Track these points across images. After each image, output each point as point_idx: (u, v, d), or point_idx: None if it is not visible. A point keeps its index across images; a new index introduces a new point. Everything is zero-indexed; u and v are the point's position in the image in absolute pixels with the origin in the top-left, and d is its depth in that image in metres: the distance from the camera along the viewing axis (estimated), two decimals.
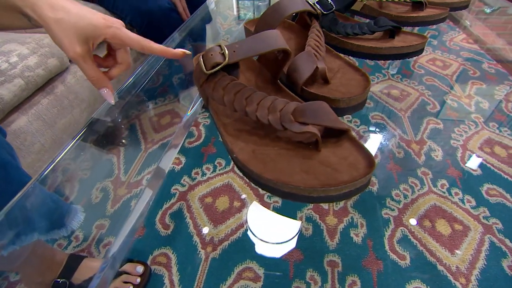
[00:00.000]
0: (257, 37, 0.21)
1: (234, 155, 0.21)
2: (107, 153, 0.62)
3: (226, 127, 0.23)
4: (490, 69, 0.74)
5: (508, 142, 0.55)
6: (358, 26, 0.32)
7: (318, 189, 0.18)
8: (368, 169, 0.18)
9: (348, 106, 0.24)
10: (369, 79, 0.25)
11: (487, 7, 1.04)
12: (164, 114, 0.74)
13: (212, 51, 0.22)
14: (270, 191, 0.20)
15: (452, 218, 0.43)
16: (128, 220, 0.25)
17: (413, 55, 0.31)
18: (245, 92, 0.21)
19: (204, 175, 0.57)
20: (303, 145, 0.21)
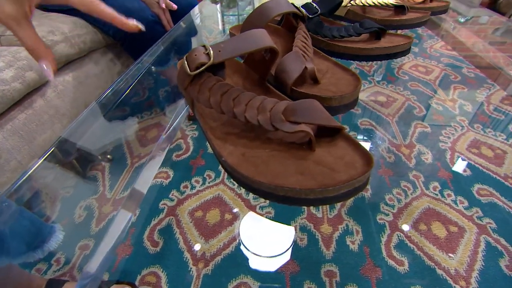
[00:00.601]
0: (242, 36, 0.21)
1: (222, 159, 0.20)
2: (92, 170, 0.59)
3: (213, 131, 0.22)
4: (470, 74, 0.77)
5: (493, 142, 0.56)
6: (344, 28, 0.33)
7: (316, 190, 0.16)
8: (366, 167, 0.17)
9: (340, 104, 0.23)
10: (359, 78, 0.25)
11: (461, 17, 1.09)
12: (150, 127, 0.72)
13: (196, 52, 0.21)
14: (264, 196, 0.19)
15: (446, 220, 0.43)
16: (106, 237, 0.24)
17: (400, 55, 0.32)
18: (232, 92, 0.20)
19: (193, 188, 0.56)
20: (296, 145, 0.20)
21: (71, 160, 0.52)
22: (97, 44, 0.69)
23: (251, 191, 0.19)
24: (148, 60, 0.64)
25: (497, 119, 0.63)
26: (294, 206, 0.18)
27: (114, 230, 0.32)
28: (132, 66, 0.51)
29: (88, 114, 0.43)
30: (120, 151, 0.62)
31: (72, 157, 0.49)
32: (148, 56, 0.63)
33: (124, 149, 0.63)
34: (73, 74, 0.60)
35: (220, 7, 1.09)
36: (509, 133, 0.59)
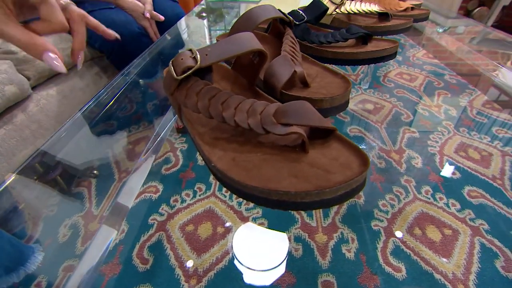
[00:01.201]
0: (230, 39, 0.20)
1: (212, 165, 0.19)
2: (77, 187, 0.57)
3: (202, 136, 0.21)
4: (452, 80, 0.80)
5: (479, 145, 0.57)
6: (331, 34, 0.33)
7: (312, 192, 0.16)
8: (362, 167, 0.16)
9: (331, 106, 0.23)
10: (349, 80, 0.25)
11: (439, 27, 1.14)
12: (138, 141, 0.71)
13: (183, 55, 0.20)
14: (257, 201, 0.18)
15: (440, 223, 0.43)
16: (90, 256, 0.22)
17: (387, 58, 0.32)
18: (220, 96, 0.20)
19: (183, 202, 0.54)
20: (289, 148, 0.19)
21: (55, 176, 0.50)
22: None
23: (243, 197, 0.18)
24: (134, 71, 0.63)
25: (480, 122, 0.65)
26: (289, 211, 0.17)
27: (98, 248, 0.30)
28: (117, 76, 0.50)
29: (70, 126, 0.42)
30: (107, 166, 0.60)
31: (55, 173, 0.47)
32: (134, 67, 0.62)
33: (111, 163, 0.61)
34: (57, 88, 0.59)
35: (207, 22, 1.11)
36: (492, 135, 0.61)
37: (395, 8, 0.53)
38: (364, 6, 0.42)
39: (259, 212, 0.50)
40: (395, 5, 0.58)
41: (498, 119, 0.65)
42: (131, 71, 0.62)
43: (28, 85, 0.51)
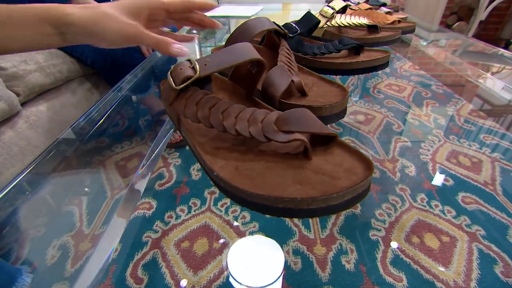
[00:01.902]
0: (228, 49, 0.21)
1: (214, 174, 0.19)
2: (67, 205, 0.55)
3: (202, 146, 0.21)
4: (439, 90, 0.82)
5: (469, 152, 0.58)
6: (324, 46, 0.34)
7: (318, 198, 0.16)
8: (366, 172, 0.16)
9: (331, 113, 0.23)
10: (345, 89, 0.25)
11: (423, 41, 1.19)
12: (131, 157, 0.69)
13: (181, 65, 0.20)
14: (262, 210, 0.18)
15: (438, 230, 0.43)
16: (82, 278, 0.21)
17: (380, 68, 0.33)
18: (221, 106, 0.20)
19: (178, 218, 0.53)
20: (291, 156, 0.19)
21: (43, 194, 0.48)
22: (74, 73, 0.67)
23: (247, 206, 0.18)
24: (126, 87, 0.63)
25: (468, 130, 0.67)
26: (295, 218, 0.17)
27: (91, 269, 0.29)
28: (110, 91, 0.49)
29: (61, 143, 0.41)
30: (98, 182, 0.59)
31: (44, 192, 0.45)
32: (126, 82, 0.62)
33: (103, 180, 0.60)
34: (48, 104, 0.58)
35: (197, 39, 1.12)
36: (480, 142, 0.63)
37: (382, 21, 0.55)
38: (354, 19, 0.44)
39: (255, 226, 0.50)
40: (382, 19, 0.61)
41: (484, 126, 0.67)
42: (123, 86, 0.62)
43: (18, 101, 0.50)
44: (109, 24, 0.25)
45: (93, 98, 0.74)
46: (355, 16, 0.43)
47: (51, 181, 0.37)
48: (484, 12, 2.19)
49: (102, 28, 0.25)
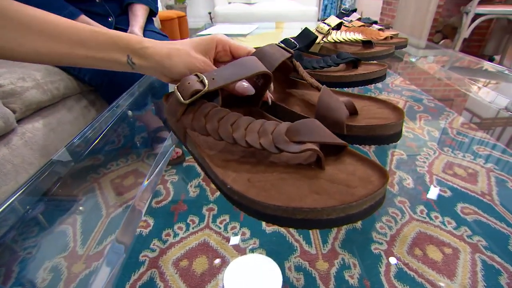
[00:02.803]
0: (235, 63, 0.21)
1: (228, 187, 0.18)
2: (60, 225, 0.53)
3: (212, 159, 0.20)
4: (430, 103, 0.84)
5: (464, 163, 0.59)
6: (323, 60, 0.35)
7: (338, 208, 0.15)
8: (382, 179, 0.16)
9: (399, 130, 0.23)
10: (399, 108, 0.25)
11: (412, 57, 1.24)
12: (127, 175, 0.68)
13: (189, 80, 0.20)
14: (279, 222, 0.17)
15: (439, 242, 0.43)
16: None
17: (378, 80, 0.34)
18: (229, 118, 0.20)
19: (176, 235, 0.51)
20: (304, 166, 0.19)
21: (36, 214, 0.47)
22: (72, 90, 0.67)
23: (263, 219, 0.18)
24: (124, 104, 0.63)
25: (461, 142, 0.68)
26: (314, 229, 0.16)
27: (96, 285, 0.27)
28: (107, 109, 0.49)
29: (56, 161, 0.40)
30: (93, 202, 0.57)
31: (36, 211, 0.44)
32: (124, 100, 0.62)
33: (99, 198, 0.58)
34: (44, 121, 0.57)
35: None
36: (474, 153, 0.64)
37: (376, 37, 0.58)
38: (349, 35, 0.46)
39: (256, 242, 0.49)
40: (376, 35, 0.64)
41: (476, 138, 0.69)
42: (120, 104, 0.62)
43: (13, 118, 0.49)
44: (181, 59, 0.27)
45: (89, 115, 0.74)
46: (349, 32, 0.45)
47: (45, 201, 0.36)
48: (467, 30, 2.31)
49: (174, 62, 0.26)
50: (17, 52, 0.27)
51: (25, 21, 0.26)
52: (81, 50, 0.27)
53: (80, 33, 0.27)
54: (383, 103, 0.27)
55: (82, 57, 0.28)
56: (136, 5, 0.92)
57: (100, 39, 0.27)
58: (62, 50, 0.27)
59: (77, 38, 0.27)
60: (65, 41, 0.27)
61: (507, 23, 2.63)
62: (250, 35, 1.43)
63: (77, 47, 0.27)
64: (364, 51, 0.44)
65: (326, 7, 3.94)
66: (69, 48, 0.27)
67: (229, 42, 0.29)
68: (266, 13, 3.10)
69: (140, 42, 0.27)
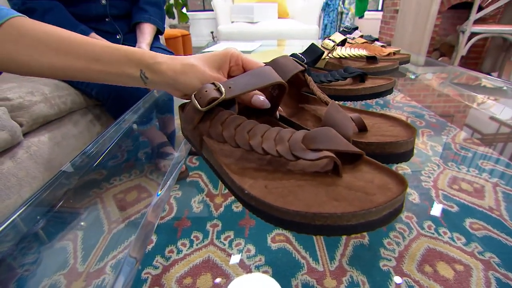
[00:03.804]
0: (252, 73, 0.21)
1: (246, 192, 0.18)
2: (60, 241, 0.52)
3: (228, 166, 0.20)
4: (432, 119, 0.85)
5: (469, 178, 0.59)
6: (330, 74, 0.36)
7: (358, 213, 0.15)
8: (400, 187, 0.16)
9: (410, 149, 0.23)
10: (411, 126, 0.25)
11: (412, 74, 1.26)
12: (130, 190, 0.68)
13: (207, 88, 0.21)
14: (298, 228, 0.17)
15: (450, 258, 0.42)
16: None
17: (386, 93, 0.35)
18: (246, 125, 0.20)
19: (180, 252, 0.50)
20: (321, 174, 0.19)
21: (36, 230, 0.46)
22: (78, 105, 0.68)
23: (281, 225, 0.17)
24: (129, 120, 0.63)
25: (465, 156, 0.68)
26: (332, 236, 0.16)
27: None
28: (112, 125, 0.50)
29: (60, 176, 0.40)
30: (96, 216, 0.56)
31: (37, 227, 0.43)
32: (129, 115, 0.63)
33: (100, 213, 0.57)
34: (50, 135, 0.57)
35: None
36: (478, 167, 0.64)
37: (379, 53, 0.60)
38: (353, 51, 0.47)
39: (261, 259, 0.47)
40: (379, 51, 0.65)
41: (480, 152, 0.69)
42: (125, 119, 0.62)
43: (20, 131, 0.50)
44: (195, 75, 0.27)
45: (94, 130, 0.75)
46: (353, 48, 0.46)
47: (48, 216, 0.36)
48: (464, 48, 2.36)
49: (188, 78, 0.27)
50: (33, 67, 0.28)
51: (42, 38, 0.27)
52: (96, 65, 0.28)
53: (95, 48, 0.28)
54: (395, 121, 0.27)
55: (96, 71, 0.29)
56: (144, 24, 0.95)
57: (114, 54, 0.28)
58: (77, 65, 0.28)
59: (92, 53, 0.28)
60: (81, 56, 0.28)
61: (502, 42, 2.70)
62: (254, 52, 1.47)
63: (92, 62, 0.28)
64: (369, 66, 0.45)
65: (326, 26, 4.06)
66: (85, 64, 0.28)
67: (241, 56, 0.30)
68: (268, 32, 3.19)
69: (153, 57, 0.28)
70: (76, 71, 0.29)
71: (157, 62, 0.28)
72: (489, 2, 2.78)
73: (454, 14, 3.20)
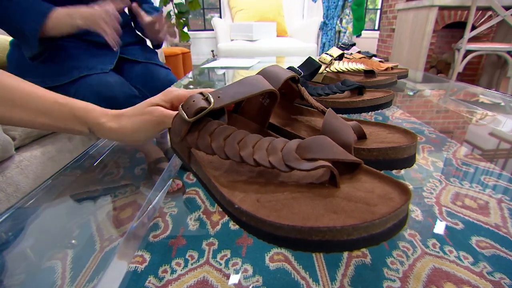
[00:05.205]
0: (241, 81, 0.21)
1: (236, 206, 0.17)
2: (48, 260, 0.50)
3: (217, 179, 0.19)
4: (432, 135, 0.84)
5: (473, 194, 0.58)
6: (327, 87, 0.35)
7: (360, 226, 0.14)
8: (404, 196, 0.15)
9: (413, 154, 0.22)
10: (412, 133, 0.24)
11: (410, 91, 1.27)
12: (124, 207, 0.66)
13: (194, 98, 0.20)
14: (293, 245, 0.15)
15: (457, 279, 0.40)
16: None
17: (385, 106, 0.34)
18: (236, 135, 0.19)
19: (174, 272, 0.48)
20: (317, 185, 0.18)
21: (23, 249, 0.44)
22: None
23: (275, 242, 0.16)
24: None
25: (467, 172, 0.67)
26: (332, 253, 0.15)
27: None
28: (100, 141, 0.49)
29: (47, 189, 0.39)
30: (87, 233, 0.54)
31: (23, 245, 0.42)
32: None
33: (93, 231, 0.55)
34: (43, 150, 0.56)
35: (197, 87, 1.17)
36: (481, 183, 0.62)
37: (377, 68, 0.60)
38: (351, 65, 0.47)
39: (259, 280, 0.45)
40: (377, 66, 0.65)
41: (482, 168, 0.68)
42: None
43: (12, 145, 0.49)
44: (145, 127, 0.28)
45: (89, 144, 0.74)
46: (351, 62, 0.46)
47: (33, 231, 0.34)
48: (460, 65, 2.40)
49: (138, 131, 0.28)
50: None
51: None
52: (44, 119, 0.28)
53: (46, 103, 0.28)
54: (392, 128, 0.26)
55: (46, 125, 0.29)
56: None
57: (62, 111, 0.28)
58: (24, 117, 0.28)
59: (42, 108, 0.28)
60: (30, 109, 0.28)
61: (497, 59, 2.75)
62: (252, 69, 1.49)
63: (40, 115, 0.28)
64: (367, 80, 0.45)
65: (324, 45, 4.15)
66: (33, 116, 0.28)
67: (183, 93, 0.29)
68: (267, 49, 3.26)
69: (96, 117, 0.28)
70: (23, 122, 0.29)
71: (100, 123, 0.28)
72: (481, 22, 2.86)
73: (449, 33, 3.28)
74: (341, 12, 3.94)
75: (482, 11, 2.84)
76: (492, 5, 2.24)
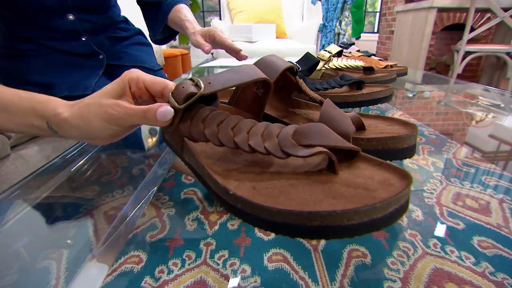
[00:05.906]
0: (234, 69, 0.20)
1: (231, 193, 0.16)
2: (42, 261, 0.49)
3: (211, 167, 0.18)
4: (432, 136, 0.84)
5: (474, 194, 0.57)
6: (326, 82, 0.35)
7: (361, 210, 0.13)
8: (404, 181, 0.14)
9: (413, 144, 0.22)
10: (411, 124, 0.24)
11: (409, 92, 1.27)
12: (121, 207, 0.65)
13: (184, 84, 0.19)
14: (291, 231, 0.15)
15: (459, 279, 0.39)
16: None
17: (384, 100, 0.33)
18: (230, 121, 0.18)
19: (170, 272, 0.47)
20: (314, 172, 0.17)
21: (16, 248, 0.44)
22: None
23: (272, 229, 0.15)
24: None
25: (468, 172, 0.66)
26: (332, 239, 0.14)
27: None
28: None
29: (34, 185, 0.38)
30: (83, 233, 0.53)
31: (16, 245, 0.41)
32: None
33: (90, 231, 0.55)
34: (39, 148, 0.56)
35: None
36: (482, 183, 0.62)
37: (376, 66, 0.59)
38: (350, 61, 0.47)
39: (257, 280, 0.45)
40: (375, 64, 0.65)
41: (483, 168, 0.67)
42: None
43: (8, 144, 0.48)
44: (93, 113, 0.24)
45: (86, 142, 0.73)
46: (351, 59, 0.46)
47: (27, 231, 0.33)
48: (460, 67, 2.40)
49: (87, 120, 0.24)
50: None
51: None
52: (3, 115, 0.26)
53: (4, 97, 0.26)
54: (392, 120, 0.25)
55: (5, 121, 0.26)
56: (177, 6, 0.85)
57: (22, 105, 0.26)
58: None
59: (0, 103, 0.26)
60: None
61: (496, 60, 2.75)
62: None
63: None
64: (366, 77, 0.45)
65: (323, 47, 4.16)
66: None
67: (142, 77, 0.26)
68: (266, 50, 3.26)
69: (54, 108, 0.26)
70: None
71: (57, 113, 0.25)
72: (480, 23, 2.87)
73: (448, 35, 3.29)
74: (340, 14, 3.95)
75: (480, 13, 2.85)
76: (491, 6, 2.24)
